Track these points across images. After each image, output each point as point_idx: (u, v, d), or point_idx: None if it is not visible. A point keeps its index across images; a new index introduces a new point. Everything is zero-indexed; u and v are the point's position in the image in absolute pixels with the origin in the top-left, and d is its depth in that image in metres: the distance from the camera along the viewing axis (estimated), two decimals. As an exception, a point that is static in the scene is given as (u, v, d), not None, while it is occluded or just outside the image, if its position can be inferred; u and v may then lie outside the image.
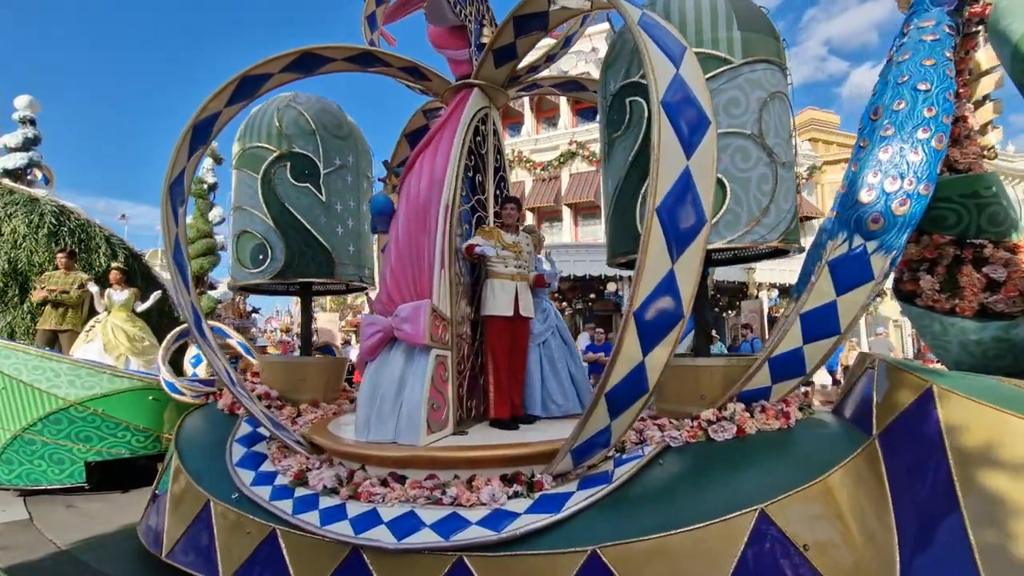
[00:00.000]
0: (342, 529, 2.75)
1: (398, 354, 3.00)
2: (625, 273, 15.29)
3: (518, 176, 21.07)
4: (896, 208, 2.53)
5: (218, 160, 8.99)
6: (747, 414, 2.92)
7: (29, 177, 7.48)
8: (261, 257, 4.29)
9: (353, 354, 16.16)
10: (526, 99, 21.18)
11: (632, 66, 3.25)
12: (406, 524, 2.70)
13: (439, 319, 3.12)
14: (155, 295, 6.65)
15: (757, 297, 16.58)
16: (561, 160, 20.01)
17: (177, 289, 3.52)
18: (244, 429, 3.93)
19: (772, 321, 16.86)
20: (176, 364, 6.79)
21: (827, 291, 2.70)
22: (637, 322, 2.43)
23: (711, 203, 2.49)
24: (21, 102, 7.45)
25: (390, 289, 3.07)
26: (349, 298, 36.95)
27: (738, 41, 3.04)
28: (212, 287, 8.51)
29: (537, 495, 2.77)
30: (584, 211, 20.37)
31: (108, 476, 5.25)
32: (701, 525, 2.37)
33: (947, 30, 2.78)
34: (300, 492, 3.13)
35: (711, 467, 2.72)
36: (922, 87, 2.58)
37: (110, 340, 6.23)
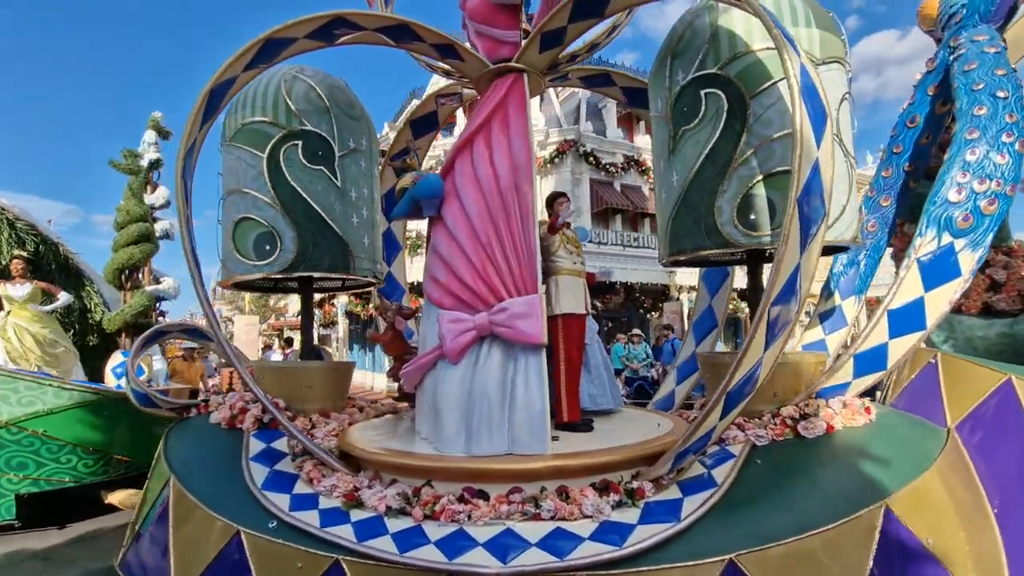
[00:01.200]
0: (430, 555, 2.40)
1: (496, 354, 2.68)
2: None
3: None
4: (985, 207, 2.65)
5: (164, 133, 7.74)
6: (831, 410, 2.94)
7: None
8: (268, 247, 3.75)
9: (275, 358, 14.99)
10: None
11: (707, 58, 3.19)
12: (506, 544, 2.41)
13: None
14: (63, 297, 5.55)
15: (678, 299, 17.54)
16: None
17: (195, 285, 2.96)
18: (256, 446, 3.39)
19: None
20: (91, 375, 5.82)
21: (915, 287, 2.77)
22: (768, 317, 2.33)
23: (831, 197, 2.46)
24: None
25: (468, 281, 2.74)
26: (272, 299, 34.48)
27: (817, 38, 3.07)
28: (157, 280, 7.34)
29: (642, 504, 2.59)
30: None
31: (38, 510, 4.36)
32: (833, 525, 2.31)
33: (1002, 43, 2.99)
34: (358, 515, 2.72)
35: (810, 465, 2.69)
36: (1001, 94, 2.73)
37: (14, 346, 5.20)
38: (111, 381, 5.66)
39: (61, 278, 6.13)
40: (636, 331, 12.99)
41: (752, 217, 3.01)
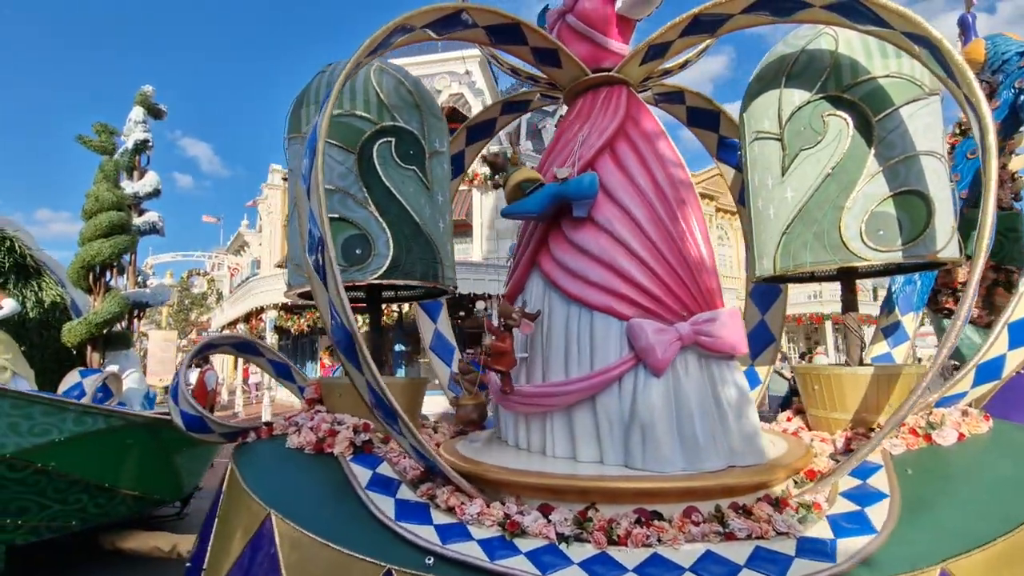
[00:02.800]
0: (639, 585, 2.21)
1: (694, 365, 2.55)
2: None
3: None
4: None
5: (155, 112, 6.51)
6: (954, 419, 3.09)
7: None
8: (359, 252, 3.39)
9: (194, 377, 13.64)
10: None
11: (828, 81, 3.33)
12: (714, 568, 2.28)
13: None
14: (8, 306, 4.57)
15: None
16: None
17: (327, 290, 2.59)
18: (362, 473, 3.00)
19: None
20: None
21: (1034, 301, 3.00)
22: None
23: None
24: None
25: (652, 290, 2.61)
26: (194, 313, 31.50)
27: (919, 68, 3.31)
28: (144, 283, 6.28)
29: (823, 517, 2.56)
30: (455, 230, 20.34)
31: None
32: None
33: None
34: (526, 544, 2.46)
35: (962, 470, 2.80)
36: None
37: None
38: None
39: (16, 279, 5.14)
40: None
41: (881, 233, 3.15)
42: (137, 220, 6.17)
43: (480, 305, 16.60)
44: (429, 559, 2.42)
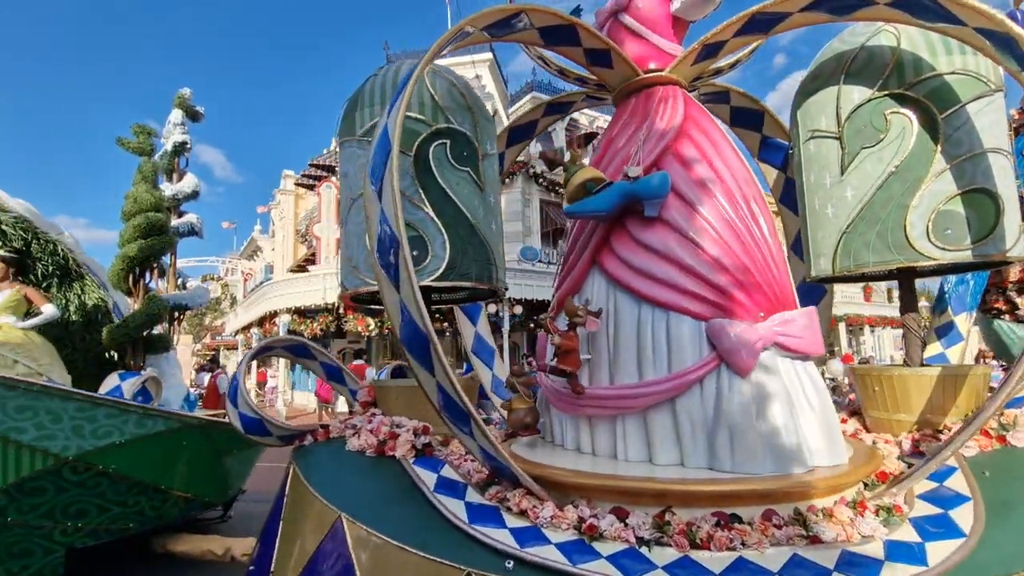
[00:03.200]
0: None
1: (772, 368, 2.53)
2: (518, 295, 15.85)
3: None
4: None
5: (193, 114, 6.49)
6: (1026, 420, 3.04)
7: None
8: (416, 253, 3.38)
9: (207, 380, 13.65)
10: None
11: (891, 78, 3.30)
12: (803, 573, 2.24)
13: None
14: (47, 311, 4.48)
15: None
16: None
17: (398, 291, 2.58)
18: (427, 476, 2.98)
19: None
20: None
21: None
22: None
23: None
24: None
25: (729, 289, 2.59)
26: (208, 318, 31.71)
27: (991, 66, 3.27)
28: (183, 285, 6.27)
29: (905, 520, 2.52)
30: None
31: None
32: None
33: None
34: (606, 548, 2.43)
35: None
36: None
37: None
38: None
39: (59, 282, 5.15)
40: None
41: (948, 232, 3.11)
42: (176, 222, 6.17)
43: (491, 308, 16.67)
44: (509, 563, 2.39)
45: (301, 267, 26.02)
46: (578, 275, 3.23)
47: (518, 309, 16.73)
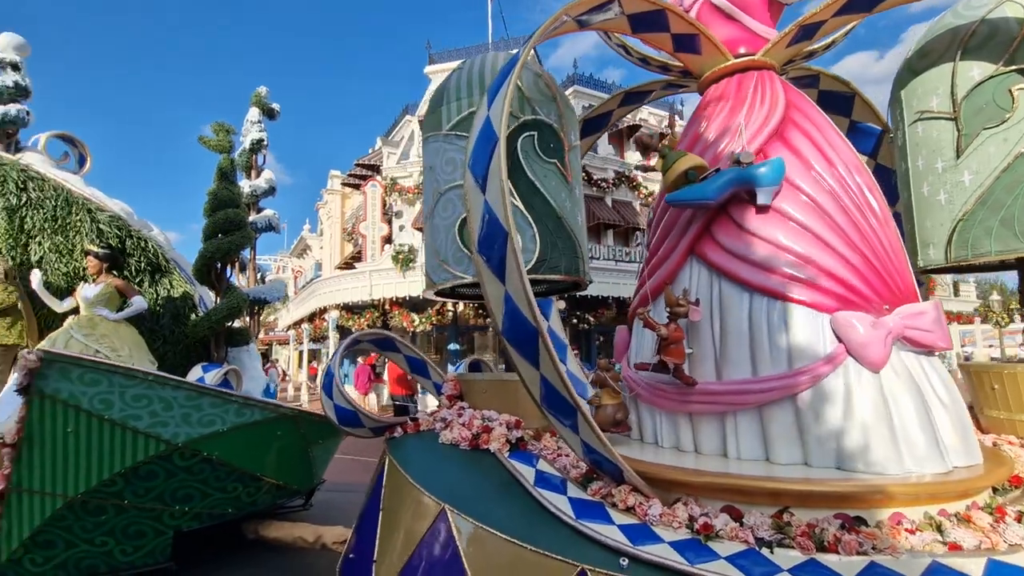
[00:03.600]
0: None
1: (900, 363, 2.40)
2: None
3: None
4: None
5: (269, 111, 6.62)
6: None
7: (32, 145, 5.31)
8: (504, 247, 3.36)
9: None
10: None
11: (1018, 52, 3.05)
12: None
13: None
14: (136, 303, 4.67)
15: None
16: None
17: (503, 283, 2.57)
18: (527, 470, 2.97)
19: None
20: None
21: None
22: None
23: None
24: (3, 42, 5.20)
25: (852, 281, 2.46)
26: (265, 311, 33.04)
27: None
28: (262, 279, 6.46)
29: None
30: None
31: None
32: None
33: None
34: (724, 548, 2.35)
35: None
36: None
37: None
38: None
39: (150, 277, 5.34)
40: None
41: (1087, 218, 2.86)
42: (254, 217, 6.36)
43: None
44: (624, 561, 2.35)
45: (348, 264, 26.66)
46: (673, 266, 3.14)
47: (561, 304, 16.63)
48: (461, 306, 17.07)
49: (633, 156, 22.01)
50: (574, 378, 4.71)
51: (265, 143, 6.60)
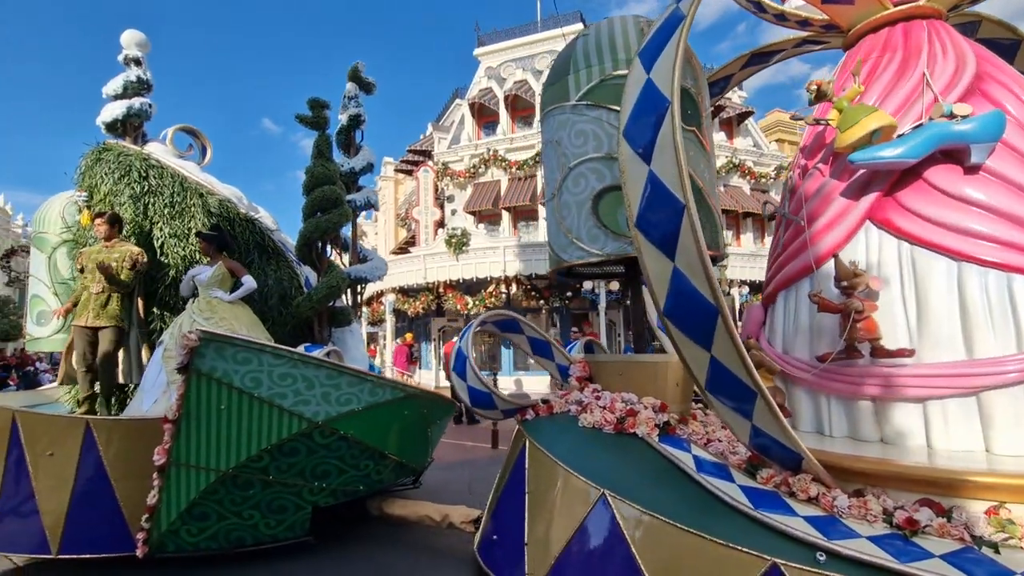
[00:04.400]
0: None
1: None
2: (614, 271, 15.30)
3: (493, 175, 20.70)
4: None
5: (366, 86, 6.36)
6: None
7: (161, 139, 5.55)
8: (649, 221, 3.18)
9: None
10: (501, 98, 20.73)
11: None
12: None
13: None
14: (246, 283, 4.65)
15: (729, 293, 16.85)
16: (537, 159, 19.75)
17: (672, 259, 2.41)
18: (683, 456, 2.82)
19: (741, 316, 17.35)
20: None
21: None
22: None
23: None
24: (126, 38, 5.48)
25: None
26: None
27: None
28: (364, 258, 6.46)
29: None
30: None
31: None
32: None
33: None
34: (934, 546, 2.14)
35: None
36: None
37: (172, 347, 4.24)
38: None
39: (259, 258, 5.29)
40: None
41: None
42: (353, 195, 6.24)
43: (587, 285, 16.28)
44: (821, 555, 2.18)
45: (402, 249, 27.03)
46: (845, 234, 2.88)
47: (614, 285, 16.20)
48: (514, 288, 16.98)
49: (744, 141, 21.16)
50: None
51: (363, 119, 6.43)
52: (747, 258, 17.94)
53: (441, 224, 21.73)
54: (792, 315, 3.12)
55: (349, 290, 6.27)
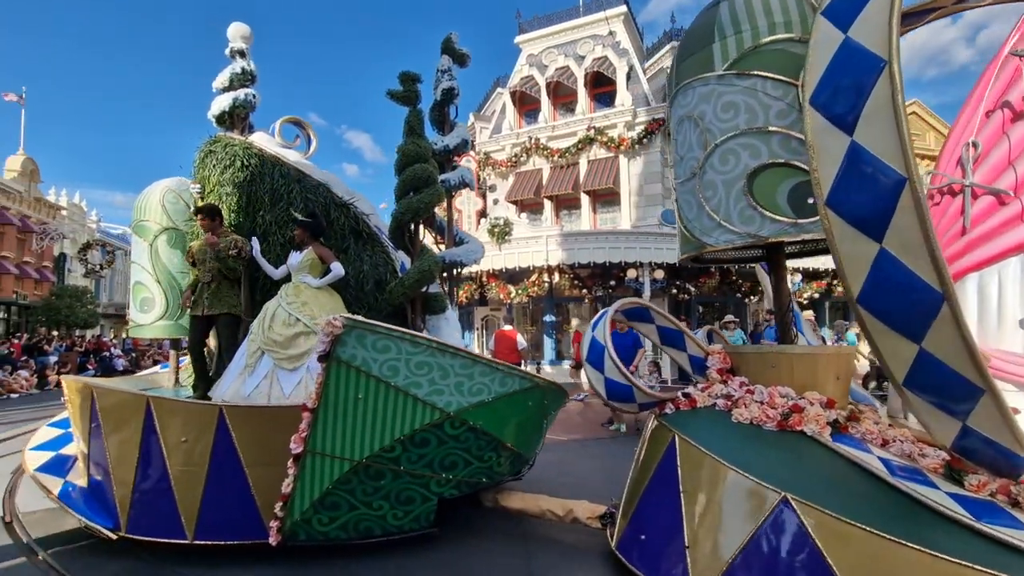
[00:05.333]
0: None
1: None
2: (659, 260, 14.88)
3: (535, 164, 20.34)
4: None
5: (460, 57, 5.99)
6: None
7: (270, 132, 5.59)
8: (811, 201, 2.92)
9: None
10: (543, 85, 20.27)
11: None
12: None
13: None
14: (334, 269, 4.50)
15: None
16: (579, 147, 19.37)
17: (879, 241, 2.15)
18: (867, 458, 2.58)
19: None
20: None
21: None
22: None
23: None
24: (232, 31, 5.40)
25: None
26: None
27: None
28: (460, 242, 6.00)
29: None
30: (602, 198, 19.94)
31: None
32: None
33: None
34: None
35: None
36: None
37: (255, 331, 4.26)
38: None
39: (355, 243, 5.08)
40: (729, 317, 11.68)
41: None
42: (448, 174, 5.91)
43: (632, 274, 15.84)
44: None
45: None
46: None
47: (659, 274, 15.72)
48: (557, 277, 16.70)
49: None
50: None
51: (456, 92, 6.05)
52: (799, 244, 17.05)
53: (483, 214, 21.60)
54: (994, 301, 2.80)
55: (444, 275, 6.08)
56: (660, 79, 20.21)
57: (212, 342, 5.00)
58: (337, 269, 4.59)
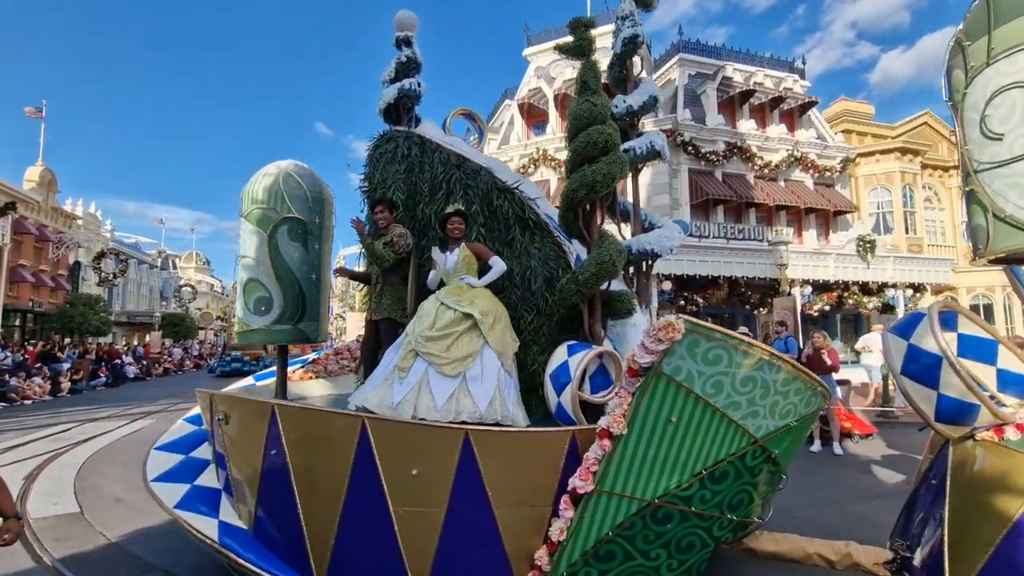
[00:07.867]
0: None
1: None
2: (667, 271, 14.34)
3: (543, 175, 20.07)
4: None
5: (646, 3, 5.05)
6: None
7: (442, 126, 5.01)
8: None
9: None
10: (550, 97, 20.17)
11: None
12: None
13: None
14: (495, 267, 3.82)
15: (790, 294, 16.04)
16: None
17: None
18: None
19: (805, 318, 16.52)
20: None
21: None
22: None
23: None
24: (399, 20, 4.89)
25: None
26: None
27: None
28: (651, 226, 4.89)
29: None
30: (610, 210, 19.54)
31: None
32: None
33: None
34: None
35: None
36: None
37: (409, 332, 3.60)
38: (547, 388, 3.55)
39: (521, 235, 4.21)
40: (743, 329, 11.53)
41: None
42: (632, 142, 4.81)
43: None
44: None
45: (456, 248, 26.46)
46: None
47: (667, 285, 15.49)
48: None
49: (806, 134, 20.36)
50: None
51: (642, 41, 4.97)
52: (810, 256, 17.11)
53: (490, 225, 21.20)
54: None
55: (631, 269, 4.92)
56: (669, 89, 20.27)
57: None
58: (498, 265, 3.85)
